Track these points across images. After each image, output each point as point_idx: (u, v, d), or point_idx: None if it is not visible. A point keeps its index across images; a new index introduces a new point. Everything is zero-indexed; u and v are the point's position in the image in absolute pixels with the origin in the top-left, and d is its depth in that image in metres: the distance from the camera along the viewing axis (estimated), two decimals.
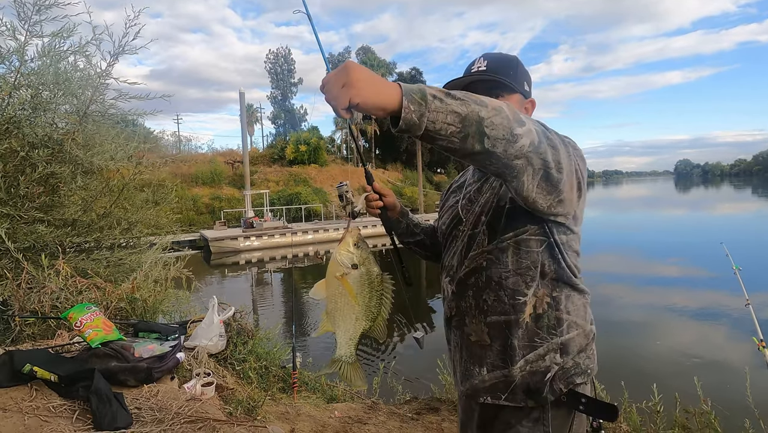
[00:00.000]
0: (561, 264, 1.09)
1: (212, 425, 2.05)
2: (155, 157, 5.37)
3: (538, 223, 1.06)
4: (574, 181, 0.97)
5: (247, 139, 24.27)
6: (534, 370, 1.05)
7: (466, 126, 0.78)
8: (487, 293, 1.10)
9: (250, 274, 15.67)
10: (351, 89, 0.73)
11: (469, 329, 1.14)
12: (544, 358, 1.05)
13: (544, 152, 0.87)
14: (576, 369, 1.06)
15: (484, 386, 1.11)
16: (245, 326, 3.09)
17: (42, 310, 2.80)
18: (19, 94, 3.66)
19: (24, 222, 3.54)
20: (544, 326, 1.06)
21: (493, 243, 1.10)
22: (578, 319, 1.09)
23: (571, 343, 1.07)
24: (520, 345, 1.06)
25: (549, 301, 1.07)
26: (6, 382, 1.99)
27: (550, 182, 0.92)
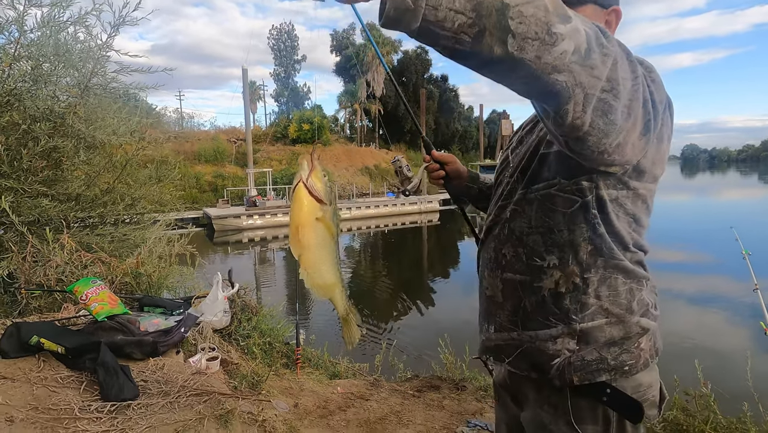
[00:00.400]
0: (601, 232, 0.87)
1: (217, 399, 2.07)
2: (158, 133, 5.33)
3: (571, 175, 0.86)
4: (639, 115, 0.71)
5: (250, 117, 24.08)
6: (541, 349, 0.92)
7: (482, 15, 0.55)
8: (507, 247, 0.96)
9: (253, 252, 15.78)
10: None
11: (486, 282, 1.02)
12: (555, 341, 0.90)
13: (597, 66, 0.63)
14: (601, 364, 0.88)
15: (489, 344, 1.02)
16: (249, 303, 3.11)
17: (48, 283, 2.82)
18: (19, 66, 3.60)
19: (28, 196, 3.53)
20: (563, 307, 0.90)
21: (521, 192, 0.94)
22: (614, 307, 0.89)
23: (594, 332, 0.88)
24: (531, 315, 0.93)
25: (577, 282, 0.88)
26: (13, 353, 2.01)
27: (606, 115, 0.67)
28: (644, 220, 0.92)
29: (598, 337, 0.89)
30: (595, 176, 0.84)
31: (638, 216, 0.90)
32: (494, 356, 1.01)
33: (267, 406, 2.27)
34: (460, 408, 2.91)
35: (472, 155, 46.54)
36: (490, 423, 2.67)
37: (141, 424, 1.78)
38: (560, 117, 0.67)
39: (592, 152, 0.72)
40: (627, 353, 0.89)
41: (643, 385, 0.90)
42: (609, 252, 0.88)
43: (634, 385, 0.89)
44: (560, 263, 0.89)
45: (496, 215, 1.01)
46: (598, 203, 0.86)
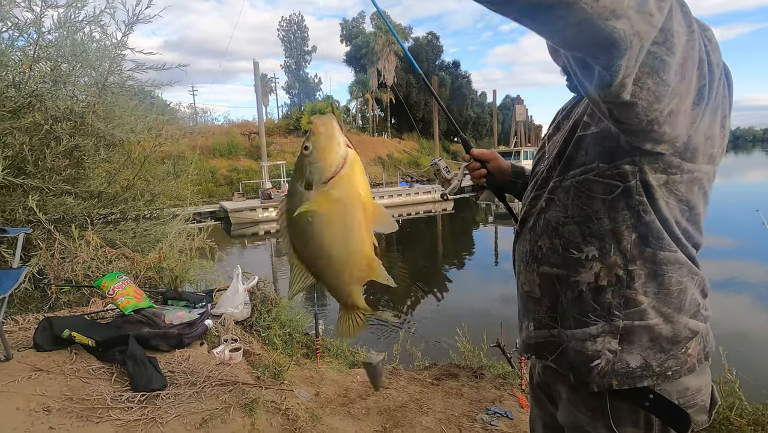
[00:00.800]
0: (648, 220, 0.78)
1: (242, 388, 2.13)
2: (174, 129, 5.42)
3: (611, 158, 0.78)
4: (694, 78, 0.63)
5: (262, 110, 24.21)
6: (579, 349, 0.84)
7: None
8: (543, 238, 0.89)
9: (270, 244, 15.99)
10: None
11: (523, 277, 0.95)
12: (595, 340, 0.82)
13: (653, 13, 0.55)
14: (645, 370, 0.80)
15: (530, 342, 0.95)
16: (269, 295, 3.17)
17: (75, 279, 2.92)
18: (39, 67, 3.69)
19: (53, 194, 3.64)
20: (604, 302, 0.81)
21: (556, 180, 0.87)
22: (663, 305, 0.80)
23: (639, 331, 0.80)
24: (569, 312, 0.86)
25: (620, 274, 0.80)
26: (47, 346, 2.10)
27: (657, 73, 0.59)
28: (700, 208, 0.81)
29: (642, 338, 0.80)
30: (639, 159, 0.76)
31: (693, 203, 0.80)
32: (536, 354, 0.95)
33: (289, 395, 2.32)
34: (479, 396, 2.93)
35: (485, 142, 45.95)
36: (510, 411, 2.69)
37: (170, 413, 1.85)
38: (610, 74, 0.58)
39: (640, 121, 0.64)
40: (673, 358, 0.80)
41: (690, 389, 0.82)
42: (658, 243, 0.78)
43: (680, 389, 0.81)
44: (600, 254, 0.81)
45: (531, 206, 0.95)
46: (643, 188, 0.77)
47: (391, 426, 2.45)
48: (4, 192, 3.41)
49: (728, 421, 2.20)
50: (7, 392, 1.77)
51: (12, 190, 3.46)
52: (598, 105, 0.66)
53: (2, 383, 1.81)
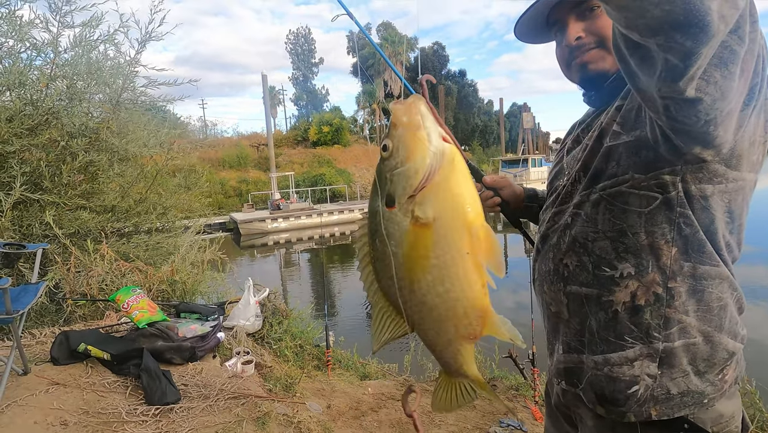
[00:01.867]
0: (688, 233, 0.73)
1: (254, 401, 2.14)
2: (185, 143, 5.52)
3: (648, 168, 0.73)
4: (749, 74, 0.59)
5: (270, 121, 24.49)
6: (614, 376, 0.78)
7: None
8: (569, 255, 0.84)
9: (279, 255, 16.06)
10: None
11: (548, 297, 0.90)
12: (632, 364, 0.76)
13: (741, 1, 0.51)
14: (686, 397, 0.75)
15: (560, 367, 0.89)
16: (279, 307, 3.18)
17: (90, 292, 2.96)
18: (55, 86, 3.79)
19: (68, 209, 3.71)
20: (642, 323, 0.75)
21: (582, 194, 0.82)
22: (704, 324, 0.75)
23: (681, 354, 0.75)
24: (600, 335, 0.79)
25: (659, 293, 0.74)
26: (64, 360, 2.13)
27: (726, 65, 0.54)
28: (743, 219, 0.76)
29: (682, 361, 0.75)
30: (681, 168, 0.70)
31: (736, 214, 0.75)
32: (566, 381, 0.88)
33: (301, 408, 2.32)
34: (491, 408, 2.89)
35: (493, 150, 45.91)
36: (523, 423, 2.65)
37: (184, 427, 1.86)
38: (685, 64, 0.53)
39: (698, 120, 0.58)
40: (710, 385, 0.76)
41: (724, 416, 0.77)
42: (698, 256, 0.73)
43: (713, 417, 0.77)
44: (637, 270, 0.75)
45: (553, 222, 0.89)
46: (686, 199, 0.72)
47: None
48: (21, 208, 3.49)
49: None
50: (26, 406, 1.80)
51: (29, 206, 3.54)
52: (653, 102, 0.60)
53: (21, 397, 1.84)
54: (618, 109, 0.80)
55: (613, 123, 0.79)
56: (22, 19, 3.56)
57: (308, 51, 45.51)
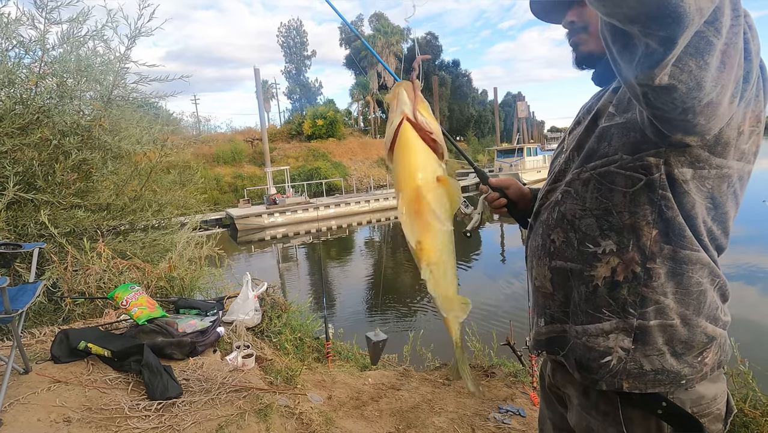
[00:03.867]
0: (669, 216, 0.75)
1: (255, 394, 2.16)
2: (178, 139, 5.48)
3: (635, 150, 0.75)
4: (734, 68, 0.60)
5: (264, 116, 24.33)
6: (590, 345, 0.82)
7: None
8: (557, 232, 0.87)
9: (276, 250, 16.07)
10: None
11: (535, 271, 0.93)
12: (607, 336, 0.80)
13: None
14: (660, 375, 0.78)
15: (540, 338, 0.93)
16: (278, 300, 3.19)
17: (88, 291, 2.96)
18: (45, 83, 3.75)
19: (63, 208, 3.69)
20: (619, 298, 0.79)
21: (574, 172, 0.84)
22: (682, 307, 0.77)
23: (655, 332, 0.77)
24: (581, 307, 0.83)
25: (637, 271, 0.77)
26: (64, 358, 2.14)
27: (701, 55, 0.56)
28: (728, 207, 0.77)
29: (657, 339, 0.78)
30: (664, 151, 0.73)
31: (720, 201, 0.76)
32: (547, 350, 0.93)
33: (303, 399, 2.34)
34: (490, 395, 2.93)
35: (488, 140, 45.87)
36: (522, 408, 2.69)
37: (186, 420, 1.88)
38: (662, 53, 0.55)
39: (676, 108, 0.61)
40: (688, 366, 0.78)
41: (705, 398, 0.80)
42: (679, 240, 0.76)
43: (694, 398, 0.79)
44: (618, 248, 0.78)
45: (545, 198, 0.92)
46: (668, 182, 0.74)
47: (404, 427, 2.46)
48: (15, 208, 3.47)
49: (742, 412, 2.19)
50: (28, 404, 1.81)
51: (23, 206, 3.52)
52: (633, 88, 0.64)
53: (23, 396, 1.85)
54: (614, 91, 0.83)
55: (608, 105, 0.82)
56: (8, 17, 3.50)
57: (300, 44, 45.08)
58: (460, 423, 2.51)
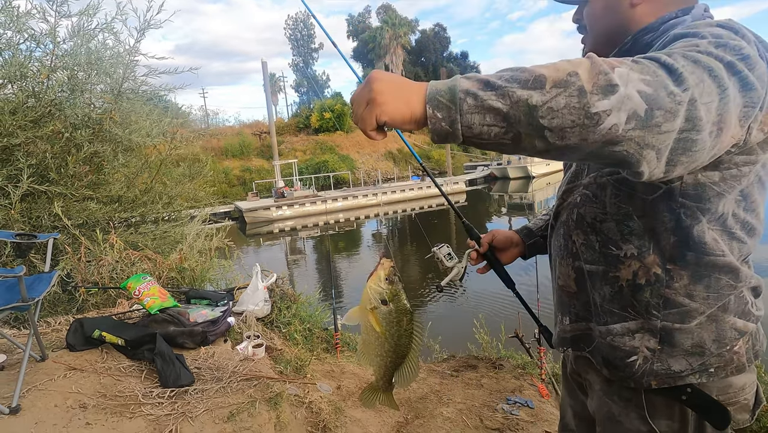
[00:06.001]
0: (688, 224, 0.74)
1: (266, 383, 2.18)
2: (187, 132, 5.52)
3: None
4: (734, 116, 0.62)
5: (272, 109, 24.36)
6: (615, 345, 0.82)
7: (513, 124, 0.57)
8: (577, 233, 0.87)
9: (285, 242, 16.17)
10: (375, 107, 0.62)
11: (557, 271, 0.95)
12: (633, 336, 0.80)
13: (665, 122, 0.55)
14: (688, 371, 0.78)
15: (566, 336, 0.95)
16: (288, 292, 3.22)
17: (101, 281, 3.01)
18: (56, 77, 3.79)
19: (76, 200, 3.75)
20: (642, 300, 0.79)
21: (591, 175, 0.84)
22: (712, 309, 0.76)
23: (681, 335, 0.77)
24: (604, 308, 0.84)
25: (659, 273, 0.77)
26: (79, 346, 2.18)
27: (689, 151, 0.59)
28: (756, 195, 0.76)
29: (685, 342, 0.78)
30: None
31: (748, 192, 0.75)
32: (572, 347, 0.94)
33: (312, 388, 2.37)
34: (498, 386, 2.94)
35: None
36: (530, 400, 2.70)
37: (199, 408, 1.91)
38: (637, 176, 0.61)
39: (680, 176, 0.69)
40: (717, 357, 0.78)
41: (733, 387, 0.79)
42: (701, 247, 0.75)
43: (721, 386, 0.79)
44: (639, 252, 0.79)
45: (563, 199, 0.93)
46: (691, 189, 0.74)
47: (412, 417, 2.48)
48: (29, 200, 3.53)
49: None
50: (45, 391, 1.85)
51: (37, 198, 3.57)
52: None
53: (40, 382, 1.89)
54: None
55: None
56: (19, 10, 3.53)
57: (308, 36, 44.94)
58: (468, 414, 2.52)
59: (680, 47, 0.61)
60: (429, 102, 0.60)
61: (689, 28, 0.69)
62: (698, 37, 0.64)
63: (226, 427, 1.85)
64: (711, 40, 0.62)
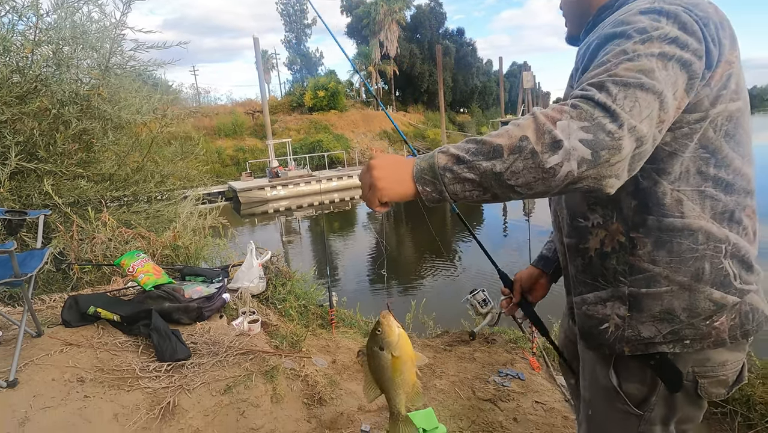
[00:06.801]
0: (645, 186, 0.77)
1: (262, 357, 2.22)
2: (178, 109, 5.42)
3: None
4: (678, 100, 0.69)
5: (265, 87, 23.88)
6: (589, 313, 0.87)
7: (488, 188, 0.67)
8: (560, 209, 0.93)
9: (279, 222, 16.14)
10: (376, 191, 0.73)
11: (558, 246, 1.02)
12: (605, 304, 0.84)
13: (612, 157, 0.63)
14: (656, 339, 0.81)
15: (569, 307, 1.03)
16: (282, 269, 3.23)
17: (95, 259, 3.00)
18: (41, 51, 3.68)
19: (66, 178, 3.70)
20: (609, 268, 0.83)
21: None
22: (679, 275, 0.78)
23: (648, 300, 0.80)
24: (578, 278, 0.89)
25: (623, 241, 0.80)
26: (75, 322, 2.19)
27: (643, 158, 0.67)
28: (725, 150, 0.76)
29: (653, 306, 0.80)
30: None
31: (714, 147, 0.76)
32: (570, 319, 1.02)
33: (308, 362, 2.41)
34: (491, 360, 3.00)
35: (492, 111, 45.13)
36: (521, 372, 2.76)
37: (196, 381, 1.94)
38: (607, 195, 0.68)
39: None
40: (691, 328, 0.79)
41: (712, 361, 0.81)
42: (660, 209, 0.78)
43: (698, 358, 0.81)
44: (604, 221, 0.83)
45: None
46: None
47: None
48: (19, 178, 3.48)
49: None
50: (42, 365, 1.87)
51: (27, 176, 3.52)
52: None
53: (37, 357, 1.91)
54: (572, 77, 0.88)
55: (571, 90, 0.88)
56: None
57: (300, 11, 43.76)
58: (460, 386, 2.58)
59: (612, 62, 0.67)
60: (417, 181, 0.70)
61: (615, 25, 0.74)
62: (625, 38, 0.70)
63: (224, 399, 1.89)
64: (637, 38, 0.68)
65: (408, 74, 38.59)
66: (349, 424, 2.09)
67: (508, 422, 2.19)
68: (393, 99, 40.71)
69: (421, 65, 38.70)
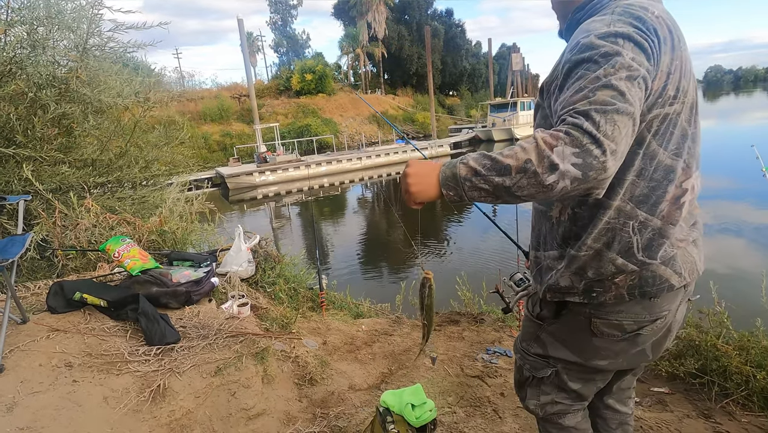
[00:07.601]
0: None
1: (252, 339, 2.23)
2: (161, 93, 5.28)
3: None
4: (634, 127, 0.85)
5: (251, 71, 23.38)
6: (550, 266, 1.10)
7: (499, 196, 0.85)
8: None
9: (268, 208, 16.03)
10: (410, 195, 0.93)
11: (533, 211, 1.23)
12: (557, 261, 1.07)
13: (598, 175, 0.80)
14: (571, 289, 1.05)
15: (531, 260, 1.22)
16: (272, 253, 3.23)
17: (80, 245, 2.96)
18: (15, 32, 3.55)
19: (47, 164, 3.61)
20: (560, 233, 1.07)
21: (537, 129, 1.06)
22: (597, 243, 0.99)
23: (574, 261, 1.03)
24: (544, 238, 1.12)
25: (569, 213, 1.03)
26: (61, 309, 2.17)
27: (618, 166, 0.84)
28: (652, 146, 0.95)
29: (574, 264, 1.03)
30: None
31: (647, 145, 0.94)
32: (531, 270, 1.22)
33: (298, 344, 2.43)
34: (479, 338, 3.06)
35: (482, 94, 44.87)
36: (509, 349, 2.82)
37: (186, 364, 1.94)
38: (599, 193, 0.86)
39: None
40: (597, 282, 1.02)
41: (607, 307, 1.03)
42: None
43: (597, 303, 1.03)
44: None
45: None
46: None
47: (396, 368, 2.58)
48: None
49: (715, 348, 2.32)
50: (29, 351, 1.85)
51: (5, 162, 3.43)
52: None
53: (23, 343, 1.89)
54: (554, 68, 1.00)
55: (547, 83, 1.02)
56: None
57: None
58: (449, 364, 2.63)
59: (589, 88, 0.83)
60: (443, 186, 0.89)
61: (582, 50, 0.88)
62: (593, 63, 0.85)
63: (214, 381, 1.90)
64: (605, 66, 0.84)
65: (396, 57, 38.12)
66: (340, 402, 2.12)
67: (496, 397, 2.24)
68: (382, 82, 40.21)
69: (410, 47, 38.20)
